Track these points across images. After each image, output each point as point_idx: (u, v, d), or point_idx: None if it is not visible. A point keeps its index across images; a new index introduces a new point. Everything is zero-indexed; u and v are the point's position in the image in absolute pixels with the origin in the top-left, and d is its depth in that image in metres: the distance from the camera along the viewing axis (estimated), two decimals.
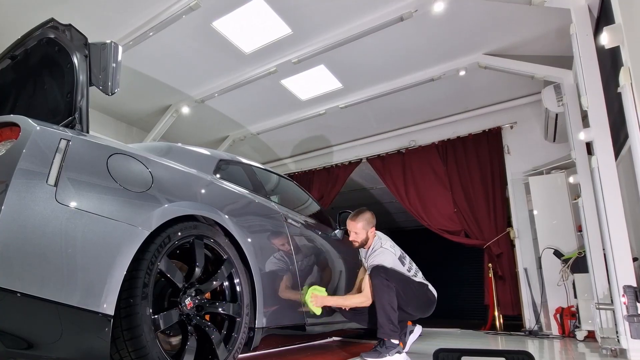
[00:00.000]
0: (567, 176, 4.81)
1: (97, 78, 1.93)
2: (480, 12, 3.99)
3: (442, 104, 5.73)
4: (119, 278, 1.55)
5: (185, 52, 4.54)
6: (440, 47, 4.54)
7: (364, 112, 5.89)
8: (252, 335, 2.23)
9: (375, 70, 4.98)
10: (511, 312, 5.25)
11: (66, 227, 1.46)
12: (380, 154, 6.53)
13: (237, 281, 2.16)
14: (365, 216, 3.09)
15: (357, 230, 3.06)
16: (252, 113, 6.04)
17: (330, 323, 3.24)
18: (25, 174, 1.42)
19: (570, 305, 4.50)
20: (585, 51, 3.04)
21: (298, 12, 3.95)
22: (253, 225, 2.52)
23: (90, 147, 1.71)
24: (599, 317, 3.30)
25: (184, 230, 1.91)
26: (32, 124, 1.53)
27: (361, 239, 3.07)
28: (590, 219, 3.57)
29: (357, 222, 3.06)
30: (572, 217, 4.76)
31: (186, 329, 1.86)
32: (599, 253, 3.42)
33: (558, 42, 4.24)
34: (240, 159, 3.05)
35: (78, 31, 1.98)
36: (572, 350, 3.49)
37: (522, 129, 5.56)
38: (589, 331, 3.99)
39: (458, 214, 5.67)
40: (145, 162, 1.93)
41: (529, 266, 5.18)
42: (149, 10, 3.88)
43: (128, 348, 1.58)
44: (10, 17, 3.87)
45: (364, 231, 3.05)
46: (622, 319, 2.55)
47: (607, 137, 2.84)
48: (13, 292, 1.31)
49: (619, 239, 2.66)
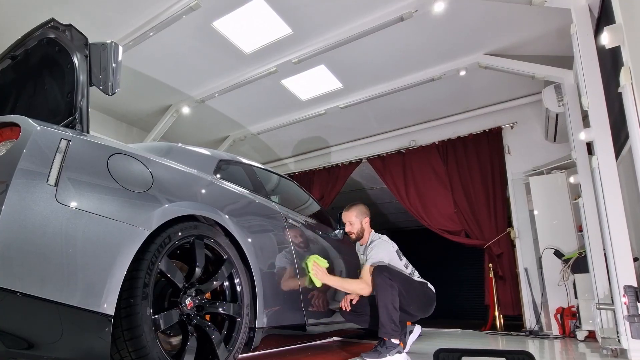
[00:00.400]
0: (567, 176, 4.81)
1: (98, 78, 1.93)
2: (480, 12, 3.99)
3: (442, 104, 5.73)
4: (119, 278, 1.55)
5: (185, 52, 4.54)
6: (440, 47, 4.54)
7: (365, 112, 5.89)
8: (253, 335, 2.23)
9: (375, 70, 4.98)
10: (512, 312, 5.25)
11: (66, 227, 1.46)
12: (381, 154, 6.53)
13: (238, 281, 2.16)
14: (358, 207, 3.22)
15: (351, 220, 3.17)
16: (253, 113, 6.04)
17: (331, 323, 3.24)
18: (26, 174, 1.42)
19: (571, 306, 4.49)
20: (586, 51, 3.03)
21: (298, 12, 3.95)
22: (253, 225, 2.52)
23: (90, 147, 1.71)
24: (600, 317, 3.30)
25: (184, 230, 1.91)
26: (33, 124, 1.53)
27: (356, 230, 3.16)
28: (590, 219, 3.56)
29: (351, 212, 3.19)
30: (573, 217, 4.76)
31: (186, 329, 1.86)
32: (599, 253, 3.42)
33: (558, 42, 4.24)
34: (240, 159, 3.05)
35: (78, 31, 1.98)
36: (572, 351, 3.49)
37: (523, 129, 5.56)
38: (590, 331, 3.99)
39: (458, 214, 5.67)
40: (146, 162, 1.93)
41: (529, 266, 5.17)
42: (149, 11, 3.88)
43: (128, 348, 1.58)
44: (10, 17, 3.87)
45: (357, 220, 3.16)
46: (622, 319, 2.55)
47: (608, 137, 2.83)
48: (13, 292, 1.31)
49: (619, 239, 2.65)
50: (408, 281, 2.96)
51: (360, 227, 3.16)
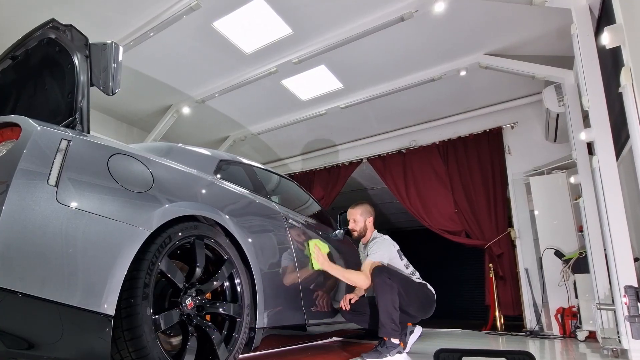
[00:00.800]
0: (568, 176, 4.81)
1: (98, 78, 1.93)
2: (480, 12, 3.99)
3: (442, 104, 5.73)
4: (119, 278, 1.55)
5: (185, 52, 4.54)
6: (440, 47, 4.54)
7: (365, 112, 5.89)
8: (253, 336, 2.23)
9: (375, 71, 4.98)
10: (512, 313, 5.25)
11: (67, 228, 1.46)
12: (381, 154, 6.53)
13: (238, 281, 2.16)
14: (364, 205, 3.32)
15: (355, 217, 3.27)
16: (253, 113, 6.04)
17: (331, 323, 3.24)
18: (26, 174, 1.42)
19: (571, 306, 4.49)
20: (586, 51, 3.03)
21: (298, 12, 3.95)
22: (254, 225, 2.52)
23: (91, 147, 1.71)
24: (600, 318, 3.29)
25: (184, 230, 1.91)
26: (33, 124, 1.53)
27: (359, 228, 3.24)
28: (591, 219, 3.56)
29: (356, 209, 3.29)
30: (573, 217, 4.75)
31: (187, 329, 1.86)
32: (600, 253, 3.42)
33: (559, 42, 4.24)
34: (240, 159, 3.05)
35: (79, 31, 1.99)
36: (573, 351, 3.48)
37: (523, 129, 5.56)
38: (590, 331, 3.99)
39: (459, 214, 5.67)
40: (146, 163, 1.93)
41: (529, 266, 5.17)
42: (150, 11, 3.88)
43: (129, 348, 1.58)
44: (11, 18, 3.87)
45: (362, 218, 3.24)
46: (623, 319, 2.54)
47: (608, 137, 2.83)
48: (14, 292, 1.31)
49: (620, 239, 2.65)
50: (407, 281, 2.97)
51: (364, 225, 3.24)
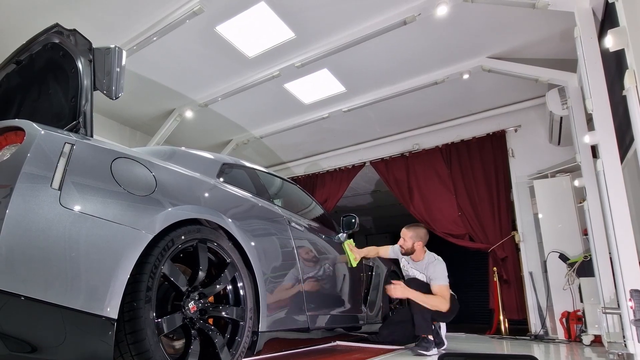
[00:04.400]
0: (572, 179, 4.78)
1: (101, 82, 1.94)
2: (483, 15, 3.98)
3: (445, 107, 5.72)
4: (122, 281, 1.55)
5: (188, 56, 4.56)
6: (443, 51, 4.54)
7: (368, 115, 5.89)
8: (256, 339, 2.23)
9: (378, 74, 4.98)
10: (516, 316, 5.21)
11: (70, 231, 1.46)
12: (384, 158, 6.52)
13: (241, 285, 2.16)
14: (418, 230, 3.66)
15: (405, 237, 3.64)
16: (256, 117, 6.05)
17: (334, 327, 3.22)
18: (30, 177, 1.42)
19: (576, 310, 4.45)
20: (590, 54, 3.02)
21: (301, 16, 3.96)
22: (256, 228, 2.51)
23: (94, 151, 1.72)
24: (606, 322, 3.27)
25: (187, 234, 1.91)
26: (37, 128, 1.54)
27: (407, 247, 3.62)
28: (595, 222, 3.54)
29: (409, 231, 3.65)
30: (578, 221, 4.72)
31: (189, 332, 1.86)
32: (605, 257, 3.39)
33: (562, 45, 4.23)
34: (243, 163, 3.06)
35: (82, 36, 2.00)
36: (578, 355, 3.46)
37: (527, 132, 5.54)
38: (596, 335, 3.95)
39: (462, 217, 5.65)
40: (149, 166, 1.93)
41: (534, 270, 5.14)
42: (153, 15, 3.90)
43: (131, 352, 1.58)
44: (14, 22, 3.90)
45: (410, 240, 3.60)
46: (629, 323, 2.52)
47: (613, 140, 2.82)
48: (17, 295, 1.32)
49: (625, 243, 2.63)
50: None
51: (411, 247, 3.60)
